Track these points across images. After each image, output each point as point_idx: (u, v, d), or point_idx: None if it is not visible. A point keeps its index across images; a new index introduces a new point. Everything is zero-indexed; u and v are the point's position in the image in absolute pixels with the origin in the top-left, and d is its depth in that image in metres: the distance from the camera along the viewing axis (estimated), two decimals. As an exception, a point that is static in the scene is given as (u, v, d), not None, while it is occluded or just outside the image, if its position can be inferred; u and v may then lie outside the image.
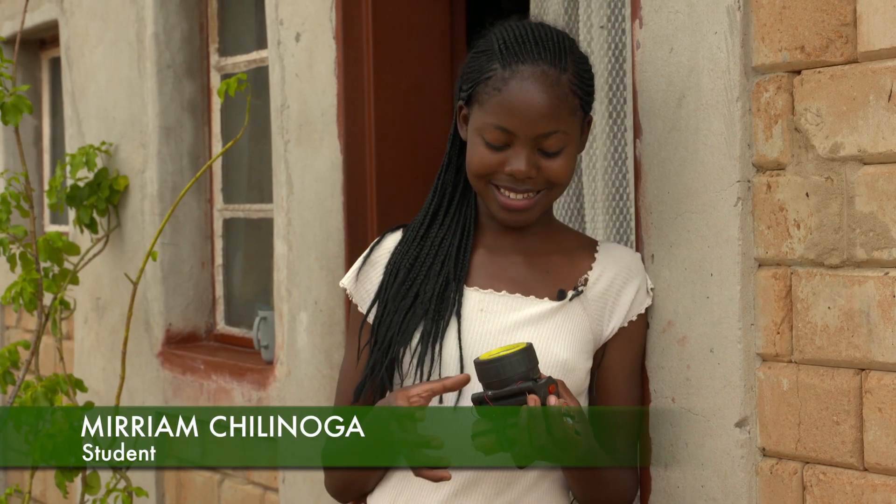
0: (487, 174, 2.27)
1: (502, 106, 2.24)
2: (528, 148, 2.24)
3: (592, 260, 2.35)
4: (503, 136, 2.24)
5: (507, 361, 2.07)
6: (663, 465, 2.41)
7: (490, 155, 2.26)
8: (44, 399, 3.96)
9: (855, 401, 2.10)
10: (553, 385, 2.08)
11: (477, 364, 2.10)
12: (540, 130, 2.23)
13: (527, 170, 2.24)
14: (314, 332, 3.67)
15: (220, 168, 4.60)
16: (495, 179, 2.28)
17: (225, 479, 4.28)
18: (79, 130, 5.10)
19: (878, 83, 2.05)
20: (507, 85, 2.24)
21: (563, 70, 2.25)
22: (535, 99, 2.23)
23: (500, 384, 2.07)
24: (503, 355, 2.07)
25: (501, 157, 2.25)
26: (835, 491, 2.13)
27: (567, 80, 2.25)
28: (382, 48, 3.49)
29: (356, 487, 2.40)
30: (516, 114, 2.23)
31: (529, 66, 2.24)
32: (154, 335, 4.61)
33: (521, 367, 2.07)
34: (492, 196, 2.29)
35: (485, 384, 2.09)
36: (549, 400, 2.06)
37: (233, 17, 4.59)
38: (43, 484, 5.78)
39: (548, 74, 2.23)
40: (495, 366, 2.07)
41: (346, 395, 2.40)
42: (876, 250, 2.06)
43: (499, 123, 2.24)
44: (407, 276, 2.34)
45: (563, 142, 2.25)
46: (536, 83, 2.23)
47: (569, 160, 2.27)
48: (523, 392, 2.06)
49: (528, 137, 2.23)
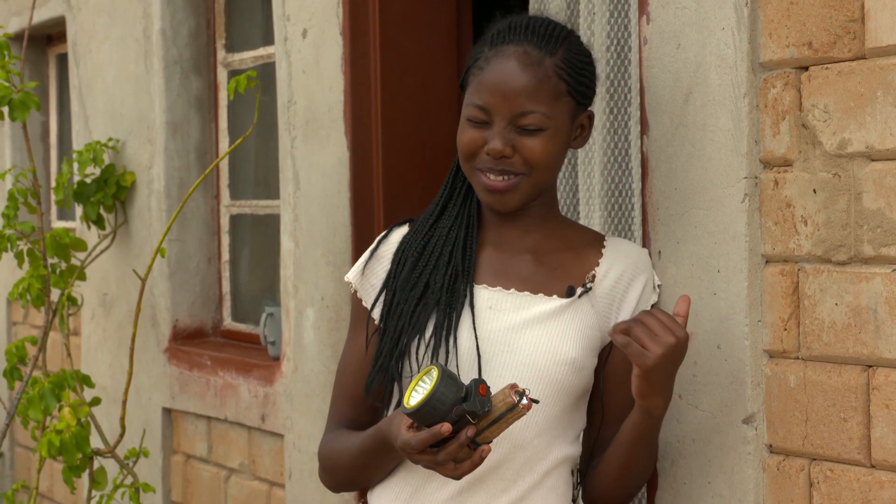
0: (471, 154, 2.27)
1: (482, 83, 2.25)
2: (504, 126, 2.24)
3: (600, 255, 2.35)
4: (481, 113, 2.25)
5: (435, 399, 2.04)
6: (670, 462, 2.41)
7: (472, 132, 2.26)
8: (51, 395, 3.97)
9: (862, 397, 2.10)
10: (482, 385, 2.06)
11: (409, 415, 2.07)
12: (516, 109, 2.23)
13: (502, 147, 2.23)
14: (321, 328, 3.68)
15: (227, 164, 4.60)
16: (478, 163, 2.27)
17: (231, 474, 4.28)
18: (86, 126, 5.10)
19: (886, 79, 2.04)
20: (489, 63, 2.26)
21: (549, 53, 2.25)
22: (512, 75, 2.23)
23: (440, 419, 2.05)
24: (427, 396, 2.04)
25: (482, 137, 2.26)
26: (842, 488, 2.13)
27: (552, 63, 2.25)
28: (389, 44, 3.49)
29: (356, 485, 2.40)
30: (494, 90, 2.24)
31: (513, 46, 2.25)
32: (161, 331, 4.62)
33: (448, 394, 2.05)
34: (477, 180, 2.29)
35: (427, 426, 2.07)
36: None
37: (240, 13, 4.59)
38: (50, 479, 5.79)
39: (530, 54, 2.24)
40: (427, 409, 2.05)
41: (346, 389, 2.39)
42: (884, 247, 2.06)
43: (477, 101, 2.25)
44: (416, 265, 2.33)
45: (543, 122, 2.24)
46: (516, 61, 2.24)
47: (548, 143, 2.25)
48: (464, 415, 2.05)
49: (505, 115, 2.23)
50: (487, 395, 2.06)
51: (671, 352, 2.15)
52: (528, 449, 2.27)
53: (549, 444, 2.28)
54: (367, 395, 2.34)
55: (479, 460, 2.09)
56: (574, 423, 2.32)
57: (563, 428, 2.29)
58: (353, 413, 2.39)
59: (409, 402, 2.07)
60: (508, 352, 2.26)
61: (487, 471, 2.25)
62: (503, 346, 2.26)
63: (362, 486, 2.38)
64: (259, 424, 4.03)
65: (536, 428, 2.26)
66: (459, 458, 2.08)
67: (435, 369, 2.07)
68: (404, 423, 2.11)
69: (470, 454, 2.08)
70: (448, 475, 2.10)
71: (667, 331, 2.16)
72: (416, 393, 2.07)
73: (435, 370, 2.07)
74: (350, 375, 2.39)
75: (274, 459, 4.03)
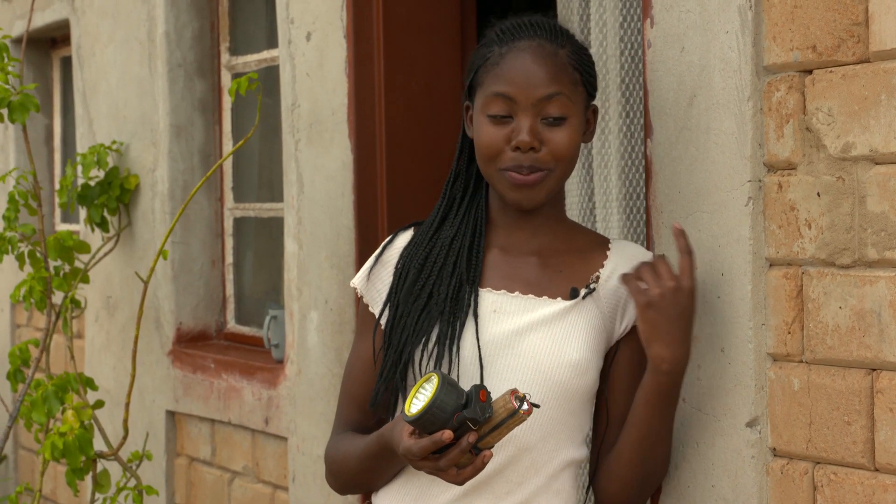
0: (495, 155, 2.26)
1: (501, 76, 2.26)
2: (530, 116, 2.24)
3: (604, 257, 2.35)
4: (505, 103, 2.25)
5: (436, 407, 2.04)
6: (674, 465, 2.41)
7: (495, 130, 2.25)
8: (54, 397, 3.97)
9: (866, 401, 2.10)
10: (482, 391, 2.06)
11: (410, 422, 2.07)
12: (541, 93, 2.24)
13: (530, 139, 2.23)
14: (324, 330, 3.68)
15: (231, 167, 4.61)
16: (502, 163, 2.26)
17: (235, 477, 4.28)
18: (90, 129, 5.11)
19: (890, 82, 2.04)
20: (504, 59, 2.27)
21: (560, 45, 2.27)
22: (532, 66, 2.25)
23: (441, 426, 2.06)
24: (428, 404, 2.04)
25: (506, 132, 2.25)
26: (846, 491, 2.13)
27: (565, 54, 2.27)
28: (393, 47, 3.50)
29: (361, 488, 2.40)
30: (515, 80, 2.24)
31: (526, 41, 2.27)
32: (164, 334, 4.62)
33: (449, 401, 2.05)
34: (501, 179, 2.28)
35: (429, 433, 2.07)
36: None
37: (243, 16, 4.59)
38: (53, 482, 5.79)
39: (544, 47, 2.26)
40: (428, 417, 2.05)
41: (352, 393, 2.40)
42: (888, 250, 2.06)
43: (499, 90, 2.25)
44: (418, 276, 2.33)
45: (566, 108, 2.25)
46: (533, 53, 2.25)
47: (573, 134, 2.26)
48: (465, 422, 2.05)
49: (529, 103, 2.24)
50: (488, 401, 2.06)
51: (671, 294, 2.20)
52: (533, 452, 2.27)
53: (555, 446, 2.28)
54: (373, 409, 2.34)
55: (481, 466, 2.09)
56: (580, 425, 2.32)
57: (568, 431, 2.29)
58: (359, 416, 2.39)
59: (409, 409, 2.07)
60: (512, 355, 2.26)
61: (492, 474, 2.25)
62: (507, 348, 2.26)
63: (368, 489, 2.38)
64: (263, 427, 4.03)
65: (541, 431, 2.26)
66: (461, 464, 2.09)
67: (435, 376, 2.07)
68: (406, 430, 2.11)
69: (472, 459, 2.08)
70: (450, 481, 2.10)
71: (671, 276, 2.22)
72: (417, 400, 2.07)
73: (435, 377, 2.07)
74: (356, 379, 2.39)
75: (277, 462, 4.03)
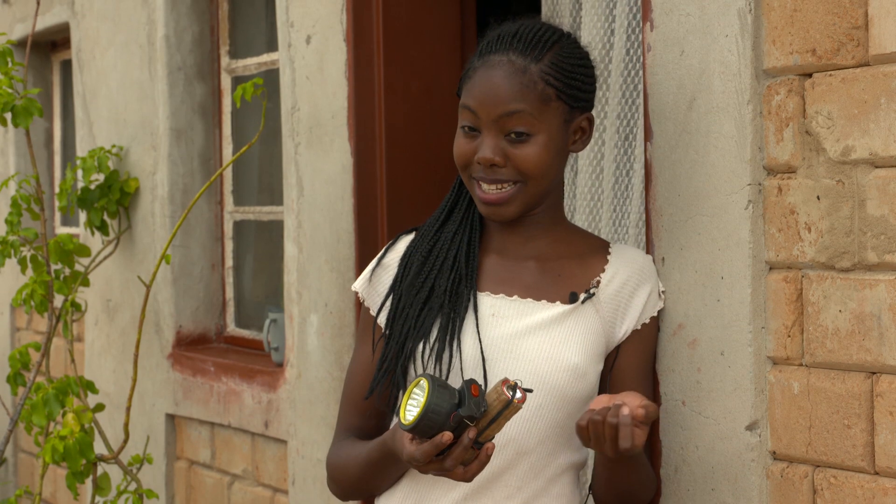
0: (465, 164, 2.30)
1: (470, 90, 2.28)
2: (493, 133, 2.26)
3: (605, 262, 2.35)
4: (472, 116, 2.27)
5: (431, 411, 2.05)
6: (673, 468, 2.41)
7: (465, 142, 2.29)
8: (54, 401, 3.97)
9: (866, 404, 2.10)
10: (474, 385, 2.07)
11: (408, 430, 2.07)
12: (500, 111, 2.25)
13: (491, 156, 2.25)
14: (324, 334, 3.68)
15: (231, 170, 4.61)
16: (473, 172, 2.30)
17: (235, 481, 4.28)
18: (90, 133, 5.11)
19: (890, 86, 2.04)
20: (476, 73, 2.29)
21: (534, 60, 2.26)
22: (496, 82, 2.25)
23: (439, 429, 2.06)
24: (422, 410, 2.05)
25: (474, 146, 2.28)
26: (845, 495, 2.13)
27: (538, 70, 2.26)
28: (393, 50, 3.50)
29: (364, 494, 2.40)
30: (479, 95, 2.26)
31: (498, 55, 2.28)
32: (164, 337, 4.62)
33: (443, 403, 2.05)
34: (473, 190, 2.31)
35: (428, 438, 2.07)
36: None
37: (243, 20, 4.60)
38: (53, 485, 5.79)
39: (514, 63, 2.26)
40: (425, 423, 2.05)
41: (353, 398, 2.40)
42: (887, 253, 2.06)
43: (466, 104, 2.28)
44: (421, 268, 2.34)
45: (531, 125, 2.25)
46: (500, 69, 2.26)
47: (541, 150, 2.26)
48: (462, 421, 2.06)
49: (491, 120, 2.25)
50: (481, 394, 2.07)
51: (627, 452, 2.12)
52: (532, 455, 2.27)
53: (553, 450, 2.28)
54: (374, 401, 2.34)
55: (486, 458, 2.10)
56: (578, 429, 2.32)
57: (567, 434, 2.29)
58: (361, 422, 2.39)
59: (405, 417, 2.07)
60: (510, 358, 2.26)
61: (492, 478, 2.25)
62: (505, 352, 2.27)
63: (370, 495, 2.38)
64: (262, 430, 4.03)
65: (539, 435, 2.26)
66: (466, 461, 2.09)
67: (424, 380, 2.07)
68: (406, 437, 2.11)
69: (476, 454, 2.09)
70: (459, 479, 2.11)
71: (626, 437, 2.10)
72: (411, 407, 2.07)
73: (424, 381, 2.07)
74: (357, 384, 2.39)
75: (277, 465, 4.03)
